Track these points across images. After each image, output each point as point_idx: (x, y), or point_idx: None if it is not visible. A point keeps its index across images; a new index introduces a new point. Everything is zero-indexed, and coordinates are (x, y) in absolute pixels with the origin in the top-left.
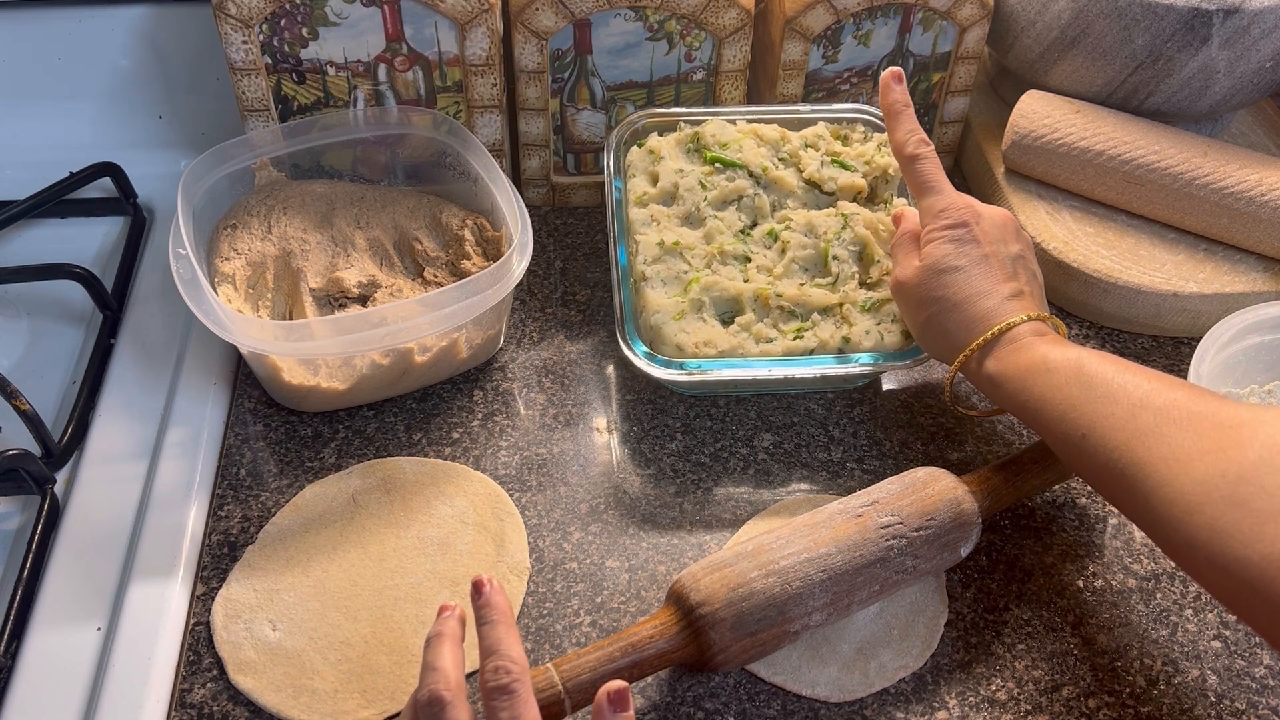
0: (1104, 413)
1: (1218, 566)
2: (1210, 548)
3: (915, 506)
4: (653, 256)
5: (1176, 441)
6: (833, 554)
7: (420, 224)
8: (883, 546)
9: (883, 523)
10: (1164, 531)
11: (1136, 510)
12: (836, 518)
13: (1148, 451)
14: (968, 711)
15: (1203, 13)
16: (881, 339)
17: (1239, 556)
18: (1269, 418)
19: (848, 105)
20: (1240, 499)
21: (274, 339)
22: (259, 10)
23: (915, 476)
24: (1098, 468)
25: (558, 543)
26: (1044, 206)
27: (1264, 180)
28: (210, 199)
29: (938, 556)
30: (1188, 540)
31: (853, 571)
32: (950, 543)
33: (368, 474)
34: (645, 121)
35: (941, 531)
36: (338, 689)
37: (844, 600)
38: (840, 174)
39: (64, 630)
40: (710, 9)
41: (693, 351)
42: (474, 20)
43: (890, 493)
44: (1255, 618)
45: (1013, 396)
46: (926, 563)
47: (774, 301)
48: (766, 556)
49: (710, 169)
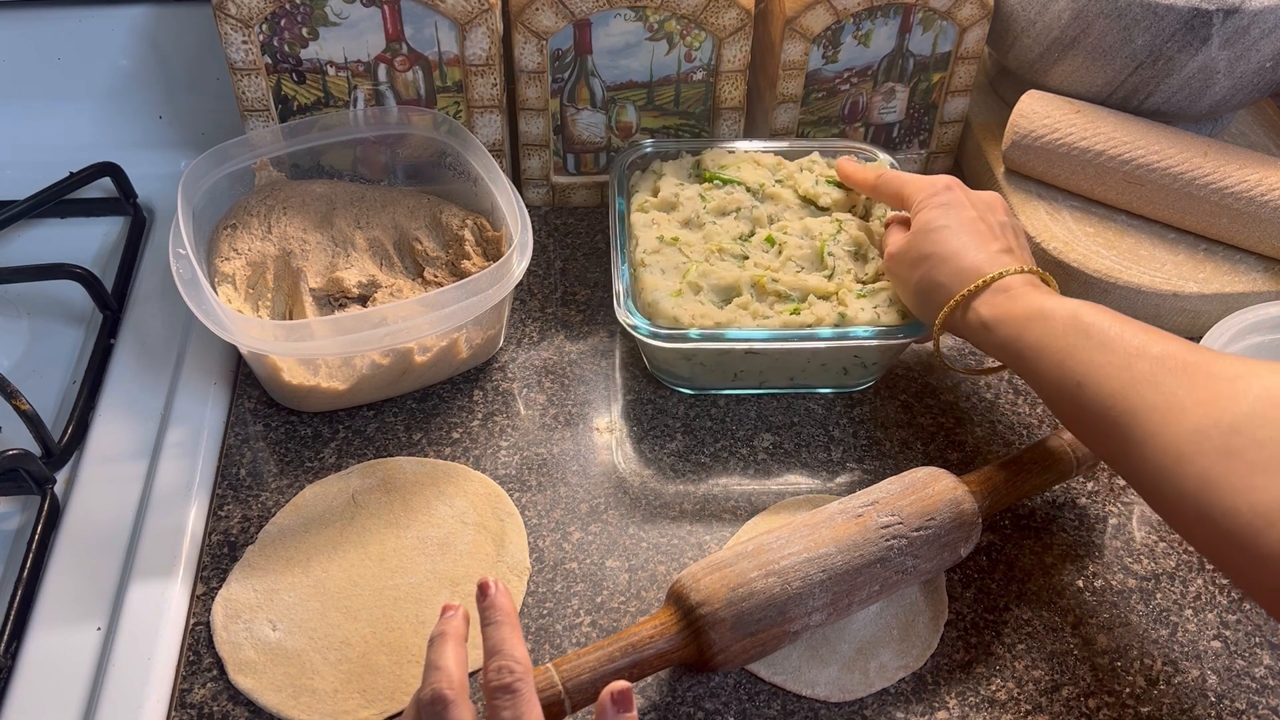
0: (1099, 360)
1: (1206, 518)
2: (1199, 498)
3: (915, 506)
4: (652, 249)
5: (1170, 390)
6: (832, 554)
7: (420, 224)
8: (883, 546)
9: (883, 522)
10: (1153, 483)
11: (1127, 461)
12: (836, 518)
13: (1141, 400)
14: (968, 711)
15: (1203, 13)
16: (878, 318)
17: (1228, 507)
18: (1264, 370)
19: (840, 142)
20: (1232, 449)
21: (274, 339)
22: (259, 10)
23: (915, 476)
24: (1091, 418)
25: (558, 543)
26: (1044, 206)
27: (1264, 180)
28: (210, 199)
29: (938, 556)
30: (1177, 490)
31: (853, 571)
32: (950, 543)
33: (368, 474)
34: (648, 150)
35: (942, 531)
36: (338, 689)
37: (844, 600)
38: (834, 190)
39: (64, 630)
40: (710, 9)
41: (689, 323)
42: (474, 20)
43: (890, 493)
44: (1240, 572)
45: (1007, 343)
46: (927, 562)
47: (770, 287)
48: (766, 556)
49: (710, 185)
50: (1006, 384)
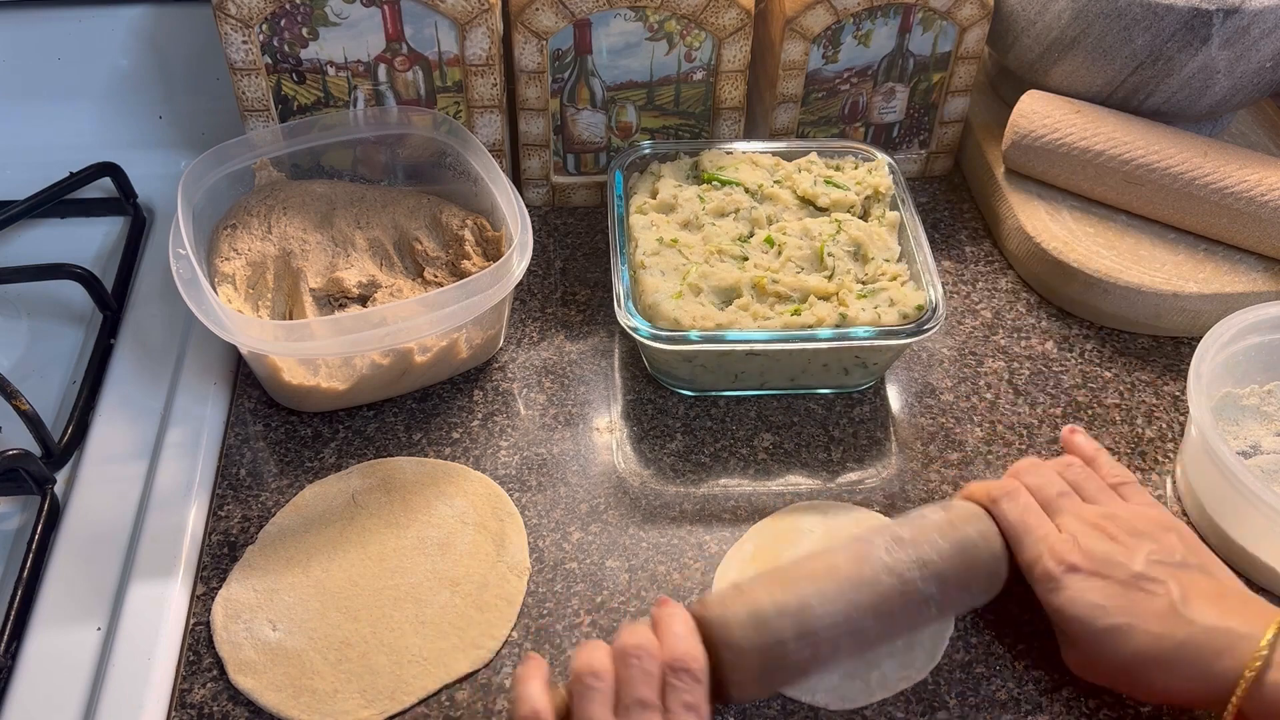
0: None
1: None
2: None
3: (959, 574)
4: (651, 250)
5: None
6: (870, 626)
7: (420, 224)
8: (919, 615)
9: (925, 593)
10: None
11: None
12: (881, 578)
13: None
14: (968, 711)
15: (1203, 13)
16: (879, 318)
17: None
18: None
19: (840, 142)
20: None
21: (274, 339)
22: (259, 10)
23: (965, 535)
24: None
25: (558, 543)
26: (1044, 206)
27: (1264, 180)
28: (210, 199)
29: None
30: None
31: (883, 637)
32: (975, 605)
33: (368, 474)
34: (646, 152)
35: (974, 598)
36: (338, 689)
37: (864, 658)
38: (833, 190)
39: (64, 630)
40: (710, 9)
41: (689, 325)
42: (474, 20)
43: (939, 551)
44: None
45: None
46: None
47: (770, 288)
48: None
49: (708, 186)
50: (1006, 384)
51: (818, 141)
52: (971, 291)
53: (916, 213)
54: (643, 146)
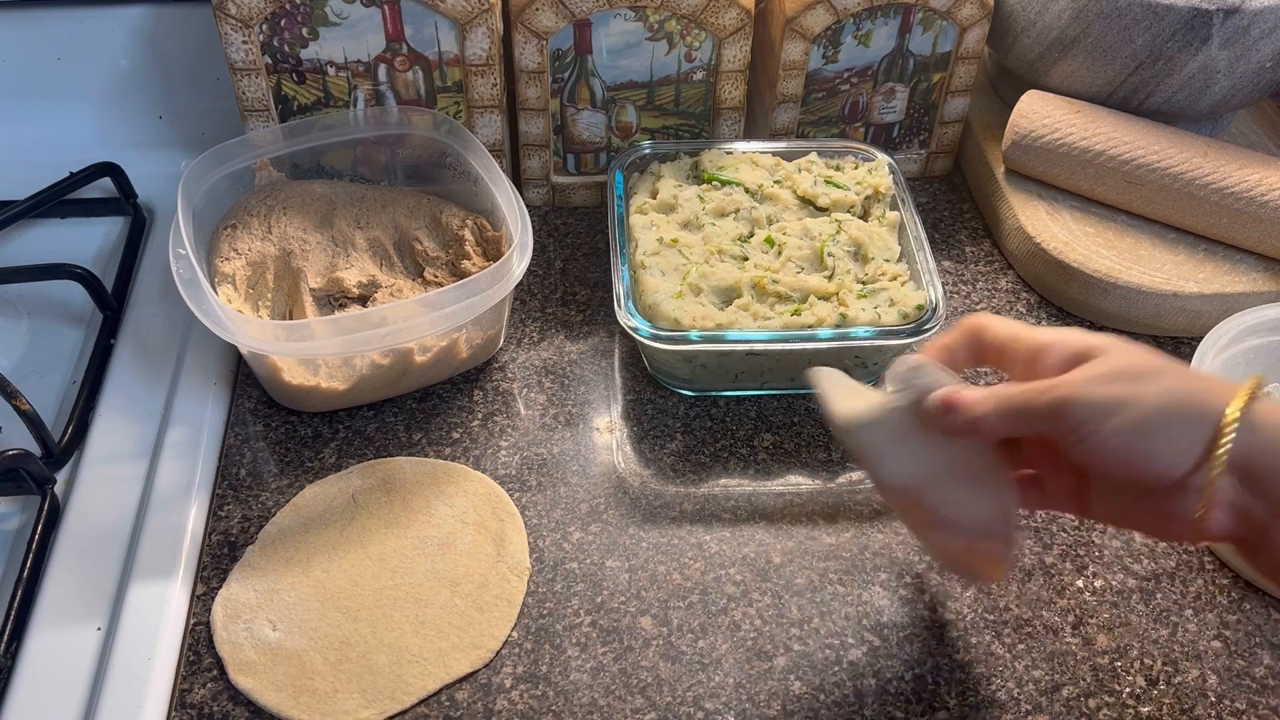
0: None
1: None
2: None
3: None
4: (651, 250)
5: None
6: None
7: (420, 224)
8: None
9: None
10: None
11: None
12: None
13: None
14: (968, 711)
15: (1203, 13)
16: (879, 318)
17: None
18: None
19: (840, 142)
20: None
21: (274, 339)
22: (259, 10)
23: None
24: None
25: (558, 543)
26: (1044, 206)
27: (1264, 180)
28: (210, 199)
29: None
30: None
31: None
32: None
33: (368, 474)
34: (646, 152)
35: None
36: (338, 689)
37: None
38: (833, 190)
39: (64, 630)
40: (710, 9)
41: (689, 325)
42: (474, 20)
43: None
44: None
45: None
46: None
47: (771, 288)
48: None
49: (708, 186)
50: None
51: (818, 141)
52: (971, 292)
53: (916, 213)
54: (643, 146)
